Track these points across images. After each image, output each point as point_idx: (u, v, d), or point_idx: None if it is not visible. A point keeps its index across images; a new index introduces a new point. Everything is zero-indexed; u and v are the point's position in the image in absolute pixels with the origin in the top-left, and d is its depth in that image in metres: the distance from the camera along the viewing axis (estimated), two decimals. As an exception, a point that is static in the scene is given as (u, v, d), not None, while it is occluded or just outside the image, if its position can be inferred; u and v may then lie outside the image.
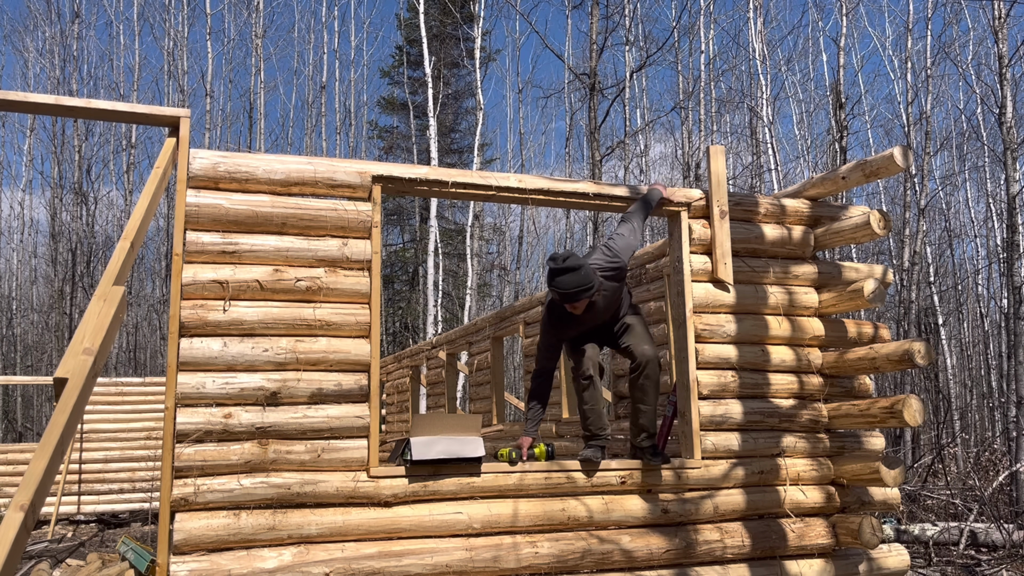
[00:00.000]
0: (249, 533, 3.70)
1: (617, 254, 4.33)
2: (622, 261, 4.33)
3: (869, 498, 4.87)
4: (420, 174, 4.34)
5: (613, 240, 4.42)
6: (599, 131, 15.26)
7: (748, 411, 4.71)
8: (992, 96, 15.93)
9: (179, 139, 4.04)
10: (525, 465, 4.23)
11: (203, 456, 3.72)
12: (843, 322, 5.09)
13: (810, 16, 25.99)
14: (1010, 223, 11.53)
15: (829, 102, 19.17)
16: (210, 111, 24.65)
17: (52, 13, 24.92)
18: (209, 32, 23.60)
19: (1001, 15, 11.82)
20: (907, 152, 4.76)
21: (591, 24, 15.53)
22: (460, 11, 24.27)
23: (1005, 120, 11.65)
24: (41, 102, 3.96)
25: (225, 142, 26.45)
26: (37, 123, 25.68)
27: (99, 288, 3.07)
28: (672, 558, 4.34)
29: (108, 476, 12.47)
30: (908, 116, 17.25)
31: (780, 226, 5.04)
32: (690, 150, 20.87)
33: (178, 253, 3.91)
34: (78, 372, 2.63)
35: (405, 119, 28.29)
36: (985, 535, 8.36)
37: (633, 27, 21.30)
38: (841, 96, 15.90)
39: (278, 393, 3.86)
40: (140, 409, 12.82)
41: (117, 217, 25.17)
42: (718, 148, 4.94)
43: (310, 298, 4.01)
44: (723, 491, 4.58)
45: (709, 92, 21.22)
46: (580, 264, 4.09)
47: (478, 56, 19.97)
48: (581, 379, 4.31)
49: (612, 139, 23.70)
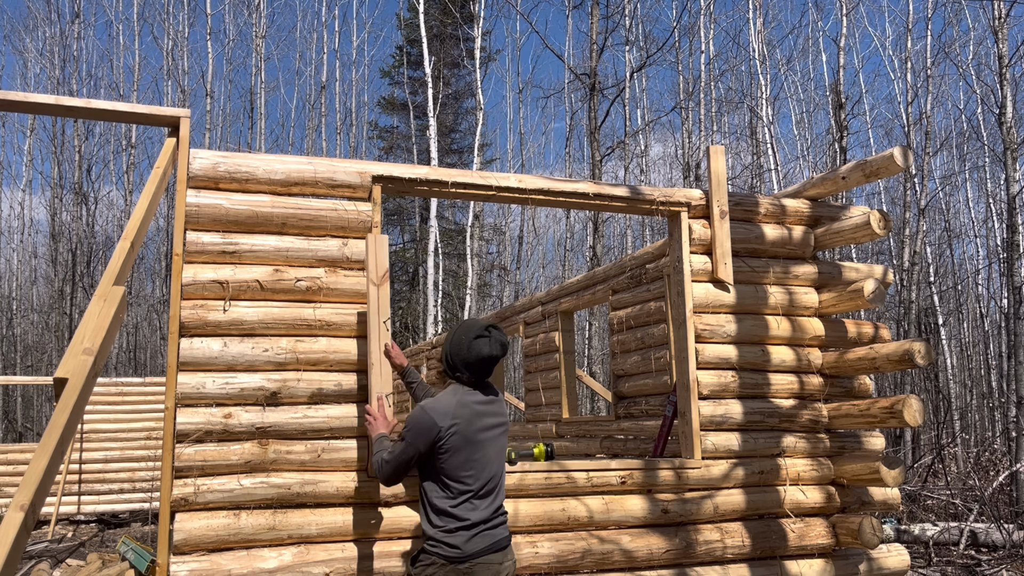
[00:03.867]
0: (249, 533, 3.70)
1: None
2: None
3: (869, 498, 4.87)
4: (420, 174, 4.34)
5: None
6: (599, 131, 15.27)
7: (748, 411, 4.71)
8: (992, 96, 15.93)
9: (179, 139, 4.04)
10: (525, 465, 4.23)
11: (203, 456, 3.71)
12: (843, 322, 5.09)
13: (810, 16, 25.99)
14: (1010, 223, 11.53)
15: (829, 102, 19.17)
16: (210, 111, 24.67)
17: (52, 13, 24.94)
18: (209, 32, 23.61)
19: (1001, 15, 11.82)
20: (907, 152, 4.76)
21: (591, 24, 15.54)
22: (460, 11, 24.27)
23: (1005, 120, 11.65)
24: (41, 102, 3.96)
25: (225, 142, 26.47)
26: (37, 123, 25.70)
27: (99, 288, 3.07)
28: (672, 558, 4.34)
29: (108, 476, 12.48)
30: (908, 116, 17.25)
31: (780, 226, 5.04)
32: (690, 150, 20.87)
33: (178, 253, 3.91)
34: (78, 372, 2.63)
35: (405, 119, 28.30)
36: (985, 535, 8.36)
37: (633, 27, 21.31)
38: (841, 96, 15.89)
39: (278, 393, 3.86)
40: (140, 409, 12.83)
41: (117, 217, 25.19)
42: (718, 148, 4.94)
43: (310, 298, 4.01)
44: (723, 491, 4.58)
45: (709, 92, 21.22)
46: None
47: (478, 56, 19.97)
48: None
49: (612, 139, 23.71)
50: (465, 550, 3.11)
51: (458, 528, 3.13)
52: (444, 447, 3.13)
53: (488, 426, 3.24)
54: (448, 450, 3.14)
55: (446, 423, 3.13)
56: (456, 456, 3.15)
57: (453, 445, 3.14)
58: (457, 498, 3.15)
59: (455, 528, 3.13)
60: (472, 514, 3.15)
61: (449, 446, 3.13)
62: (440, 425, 3.13)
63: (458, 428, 3.15)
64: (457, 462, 3.15)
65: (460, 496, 3.15)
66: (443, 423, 3.13)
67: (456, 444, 3.14)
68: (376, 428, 3.59)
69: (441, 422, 3.13)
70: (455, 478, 3.15)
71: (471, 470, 3.17)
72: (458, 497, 3.15)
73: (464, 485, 3.16)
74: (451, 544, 3.12)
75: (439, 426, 3.13)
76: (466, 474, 3.16)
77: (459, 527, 3.13)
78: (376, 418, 3.65)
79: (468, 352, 3.25)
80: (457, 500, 3.15)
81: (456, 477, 3.15)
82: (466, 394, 3.26)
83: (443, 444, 3.12)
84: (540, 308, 8.05)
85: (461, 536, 3.12)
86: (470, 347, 3.26)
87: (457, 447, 3.15)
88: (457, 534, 3.12)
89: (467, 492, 3.16)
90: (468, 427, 3.17)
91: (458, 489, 3.15)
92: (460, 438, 3.15)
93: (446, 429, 3.13)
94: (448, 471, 3.15)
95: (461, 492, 3.16)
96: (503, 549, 3.18)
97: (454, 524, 3.13)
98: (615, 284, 6.78)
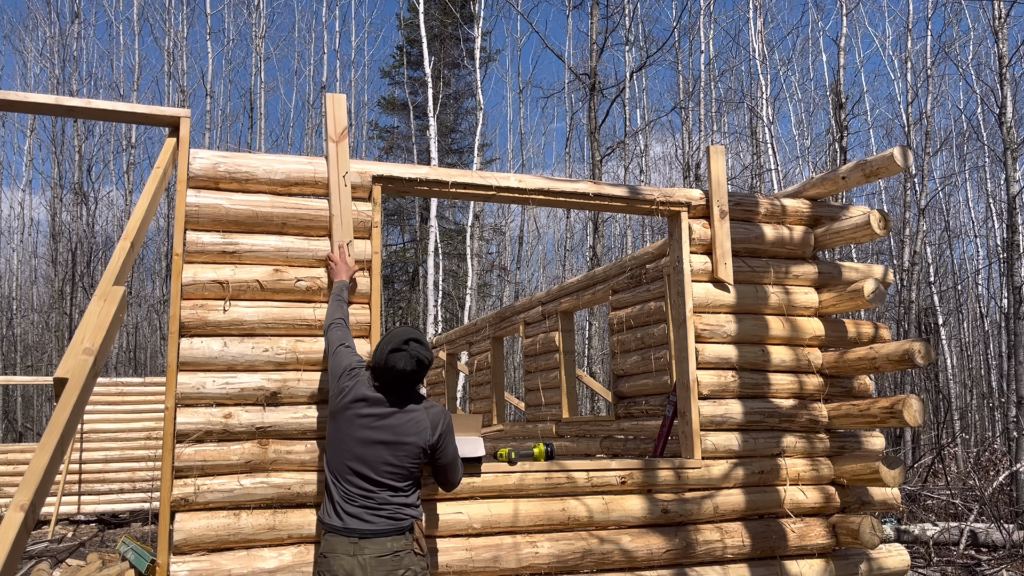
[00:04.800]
0: (249, 533, 3.70)
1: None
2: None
3: (869, 498, 4.87)
4: (420, 174, 4.34)
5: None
6: (599, 131, 15.27)
7: (748, 411, 4.70)
8: (992, 96, 15.93)
9: (179, 139, 4.04)
10: (525, 465, 4.23)
11: (203, 456, 3.71)
12: (843, 322, 5.08)
13: (810, 16, 26.00)
14: (1010, 223, 11.53)
15: (829, 102, 19.17)
16: (210, 111, 24.69)
17: (52, 13, 24.94)
18: (209, 32, 23.62)
19: (1001, 15, 11.82)
20: (907, 152, 4.76)
21: (591, 24, 15.55)
22: (460, 11, 24.28)
23: (1005, 120, 11.65)
24: (41, 102, 3.96)
25: (225, 142, 26.47)
26: (37, 123, 25.71)
27: (99, 288, 3.07)
28: (672, 558, 4.34)
29: (108, 476, 12.48)
30: (908, 116, 17.26)
31: (780, 226, 5.04)
32: (690, 150, 20.87)
33: (178, 253, 3.91)
34: (78, 372, 2.63)
35: (405, 119, 28.30)
36: (985, 535, 8.36)
37: (633, 27, 21.32)
38: (841, 96, 15.90)
39: (278, 393, 3.86)
40: (140, 409, 12.83)
41: (117, 217, 25.19)
42: (718, 148, 4.94)
43: (310, 298, 4.01)
44: (723, 491, 4.58)
45: (709, 92, 21.23)
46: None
47: (478, 56, 19.97)
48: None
49: (612, 139, 23.72)
50: (322, 519, 3.35)
51: (327, 492, 3.38)
52: (342, 403, 3.37)
53: (372, 440, 3.32)
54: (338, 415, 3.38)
55: (349, 384, 3.38)
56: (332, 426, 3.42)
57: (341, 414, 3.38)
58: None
59: (327, 492, 3.38)
60: (332, 488, 3.33)
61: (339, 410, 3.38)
62: (345, 385, 3.38)
63: (347, 402, 3.36)
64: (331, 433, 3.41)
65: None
66: (346, 383, 3.39)
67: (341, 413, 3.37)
68: (338, 273, 3.91)
69: (346, 382, 3.39)
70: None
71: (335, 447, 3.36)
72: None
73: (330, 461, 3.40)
74: (323, 505, 3.39)
75: (344, 385, 3.38)
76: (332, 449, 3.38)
77: (327, 492, 3.37)
78: (338, 263, 3.94)
79: (385, 363, 3.35)
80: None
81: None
82: (373, 394, 3.38)
83: (341, 400, 3.37)
84: (540, 308, 8.05)
85: (326, 501, 3.37)
86: (386, 359, 3.34)
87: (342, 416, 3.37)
88: (326, 496, 3.38)
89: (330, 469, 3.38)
90: (352, 412, 3.36)
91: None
92: (346, 413, 3.36)
93: (347, 391, 3.37)
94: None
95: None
96: (354, 540, 3.21)
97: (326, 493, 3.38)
98: (615, 284, 6.78)
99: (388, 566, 3.19)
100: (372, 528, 3.23)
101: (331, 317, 3.74)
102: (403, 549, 3.25)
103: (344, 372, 3.43)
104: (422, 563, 3.32)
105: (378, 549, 3.20)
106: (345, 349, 3.54)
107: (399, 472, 3.32)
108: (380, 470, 3.29)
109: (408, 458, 3.33)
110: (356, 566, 3.16)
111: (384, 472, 3.29)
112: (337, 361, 3.50)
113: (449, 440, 3.51)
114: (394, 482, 3.30)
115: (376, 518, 3.25)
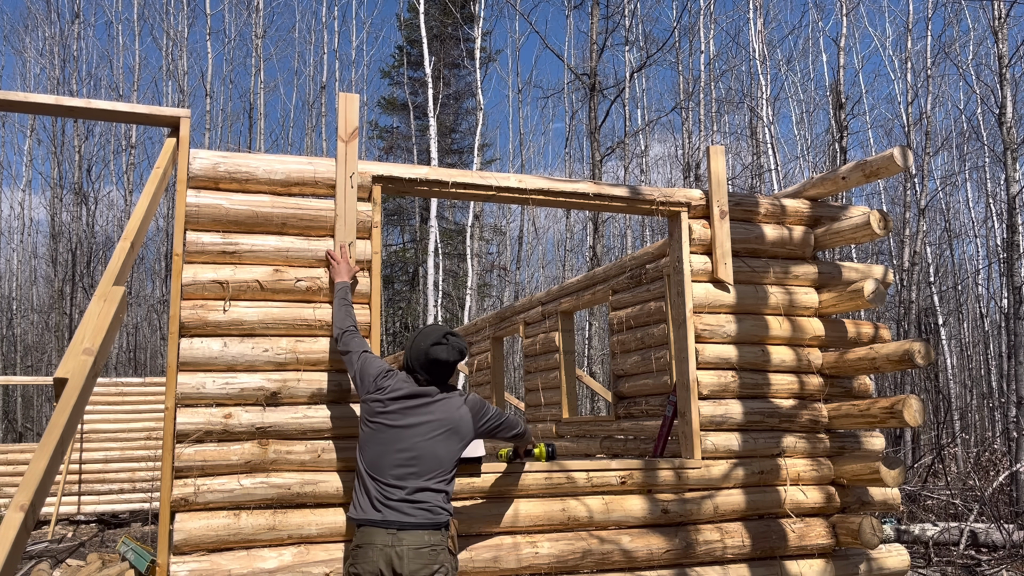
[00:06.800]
0: (249, 533, 3.70)
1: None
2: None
3: (869, 498, 4.87)
4: (420, 174, 4.34)
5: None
6: (599, 131, 15.28)
7: (748, 411, 4.70)
8: (992, 96, 15.94)
9: (179, 139, 4.04)
10: (525, 465, 4.23)
11: (203, 456, 3.71)
12: (843, 322, 5.08)
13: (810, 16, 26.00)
14: (1010, 223, 11.54)
15: (829, 102, 19.17)
16: (210, 111, 24.67)
17: (52, 13, 24.96)
18: (209, 32, 23.62)
19: (1001, 15, 11.82)
20: (907, 152, 4.76)
21: (591, 24, 15.55)
22: (460, 11, 24.28)
23: (1005, 120, 11.66)
24: (41, 102, 3.96)
25: (225, 142, 26.47)
26: (37, 123, 25.71)
27: (99, 288, 3.07)
28: (672, 558, 4.34)
29: (108, 476, 12.48)
30: (908, 116, 17.26)
31: (780, 226, 5.04)
32: (690, 150, 20.87)
33: (178, 253, 3.91)
34: (78, 372, 2.63)
35: (405, 119, 28.30)
36: (985, 535, 8.36)
37: (633, 27, 21.33)
38: (841, 96, 15.90)
39: (278, 393, 3.86)
40: (140, 409, 12.83)
41: (117, 217, 25.20)
42: (718, 148, 4.94)
43: (310, 298, 4.01)
44: (723, 491, 4.58)
45: (709, 92, 21.23)
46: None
47: (478, 56, 19.97)
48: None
49: (612, 139, 23.72)
50: (355, 516, 3.36)
51: (360, 491, 3.40)
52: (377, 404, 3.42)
53: (421, 428, 3.40)
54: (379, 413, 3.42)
55: (388, 383, 3.44)
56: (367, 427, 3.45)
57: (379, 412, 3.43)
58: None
59: (360, 491, 3.40)
60: (370, 485, 3.35)
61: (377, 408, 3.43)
62: (384, 384, 3.44)
63: (391, 398, 3.42)
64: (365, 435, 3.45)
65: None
66: (385, 382, 3.45)
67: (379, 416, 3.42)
68: (339, 273, 3.91)
69: (385, 382, 3.45)
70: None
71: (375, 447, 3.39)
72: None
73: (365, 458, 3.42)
74: (353, 505, 3.41)
75: (384, 384, 3.44)
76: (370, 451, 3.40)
77: (360, 491, 3.40)
78: (339, 262, 3.93)
79: (425, 358, 3.48)
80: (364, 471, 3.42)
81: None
82: (417, 388, 3.47)
83: (377, 397, 3.43)
84: (540, 308, 8.05)
85: (358, 498, 3.39)
86: (428, 352, 3.48)
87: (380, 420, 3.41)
88: (358, 495, 3.40)
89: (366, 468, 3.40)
90: (399, 407, 3.41)
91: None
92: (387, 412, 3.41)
93: (387, 390, 3.43)
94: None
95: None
96: (392, 531, 3.23)
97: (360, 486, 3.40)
98: (615, 284, 6.78)
99: (425, 558, 3.22)
100: (412, 520, 3.27)
101: (343, 324, 3.76)
102: (439, 544, 3.29)
103: (380, 374, 3.51)
104: (454, 561, 3.36)
105: (416, 541, 3.23)
106: (370, 355, 3.64)
107: (445, 462, 3.41)
108: (427, 464, 3.36)
109: (458, 438, 3.46)
110: (393, 556, 3.19)
111: (430, 463, 3.36)
112: (368, 365, 3.57)
113: (488, 407, 3.68)
114: (437, 475, 3.37)
115: (416, 511, 3.29)
